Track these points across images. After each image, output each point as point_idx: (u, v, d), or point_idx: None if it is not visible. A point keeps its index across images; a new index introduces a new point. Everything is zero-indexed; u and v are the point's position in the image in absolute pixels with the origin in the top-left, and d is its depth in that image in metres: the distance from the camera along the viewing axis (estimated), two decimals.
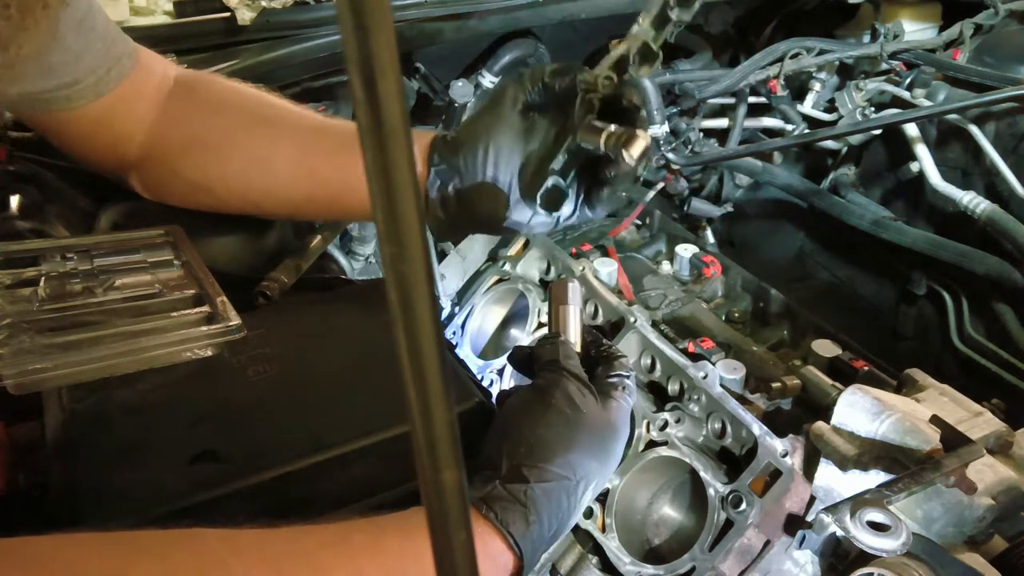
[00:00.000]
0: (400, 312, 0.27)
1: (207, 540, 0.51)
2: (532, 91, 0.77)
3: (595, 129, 0.70)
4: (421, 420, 0.28)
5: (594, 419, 0.71)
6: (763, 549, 0.84)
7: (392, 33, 0.24)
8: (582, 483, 0.67)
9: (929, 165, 1.60)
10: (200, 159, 0.86)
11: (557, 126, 0.76)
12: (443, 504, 0.29)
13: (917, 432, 0.76)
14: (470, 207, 0.80)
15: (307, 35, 1.20)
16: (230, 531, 0.51)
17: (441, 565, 0.30)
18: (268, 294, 0.90)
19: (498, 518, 0.62)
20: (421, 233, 0.26)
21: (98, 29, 0.78)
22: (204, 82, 0.89)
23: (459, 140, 0.80)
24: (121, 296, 0.72)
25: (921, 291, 1.68)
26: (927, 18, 1.83)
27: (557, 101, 0.77)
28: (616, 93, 0.72)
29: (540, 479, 0.65)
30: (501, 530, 0.62)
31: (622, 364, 0.80)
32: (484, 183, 0.78)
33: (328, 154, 0.84)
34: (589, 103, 0.72)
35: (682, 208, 1.96)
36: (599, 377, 0.78)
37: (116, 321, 0.67)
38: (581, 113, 0.73)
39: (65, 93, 0.77)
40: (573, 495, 0.66)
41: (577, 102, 0.73)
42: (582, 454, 0.68)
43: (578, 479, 0.67)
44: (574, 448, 0.68)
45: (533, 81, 0.77)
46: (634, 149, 0.67)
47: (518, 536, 0.62)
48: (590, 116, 0.72)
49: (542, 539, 0.64)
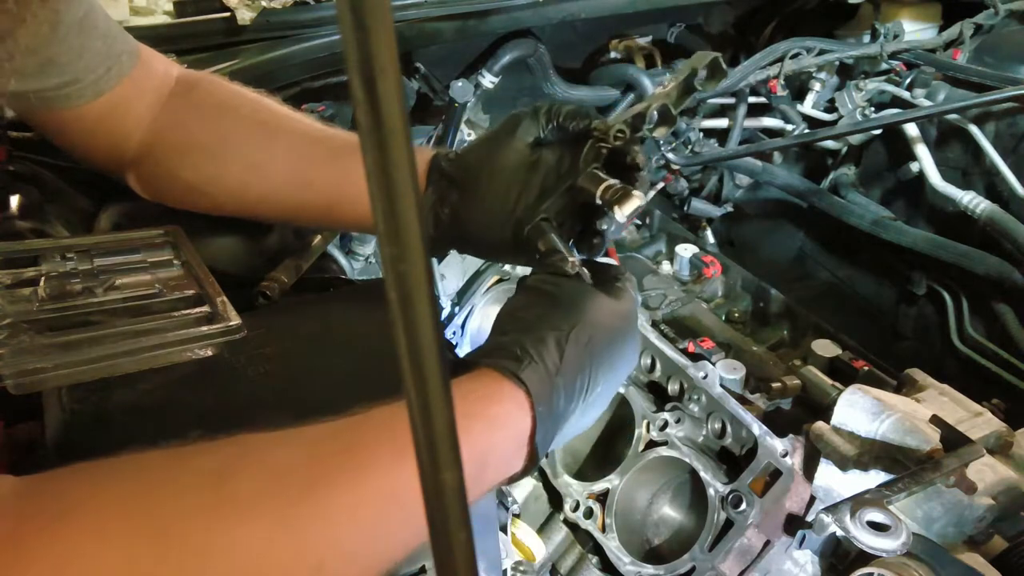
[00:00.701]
0: (400, 312, 0.27)
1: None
2: (546, 127, 0.78)
3: (597, 178, 0.71)
4: (421, 420, 0.28)
5: (570, 285, 0.70)
6: (763, 549, 0.84)
7: (392, 33, 0.24)
8: (573, 331, 0.65)
9: (929, 165, 1.60)
10: (197, 162, 0.86)
11: (562, 167, 0.77)
12: (443, 504, 0.29)
13: (917, 432, 0.76)
14: (462, 228, 0.80)
15: (307, 35, 1.20)
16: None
17: (441, 565, 0.30)
18: (268, 294, 0.90)
19: (485, 363, 0.60)
20: (421, 233, 0.26)
21: (99, 27, 0.78)
22: (204, 84, 0.89)
23: (464, 159, 0.80)
24: (121, 296, 0.72)
25: (921, 291, 1.68)
26: (927, 18, 1.83)
27: (566, 142, 0.77)
28: (624, 148, 0.73)
29: (523, 332, 0.63)
30: (495, 368, 0.60)
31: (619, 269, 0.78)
32: (481, 206, 0.78)
33: (324, 161, 0.84)
34: (597, 152, 0.73)
35: (682, 208, 1.96)
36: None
37: (116, 321, 0.67)
38: (588, 160, 0.74)
39: (65, 91, 0.77)
40: (564, 340, 0.64)
41: (586, 147, 0.74)
42: (565, 310, 0.66)
43: (568, 327, 0.64)
44: (555, 308, 0.66)
45: (549, 118, 0.77)
46: (626, 207, 0.68)
47: (513, 371, 0.60)
48: (595, 164, 0.73)
49: (546, 378, 0.61)
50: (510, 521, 0.98)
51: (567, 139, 0.77)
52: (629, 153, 0.72)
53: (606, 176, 0.71)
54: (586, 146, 0.74)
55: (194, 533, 0.45)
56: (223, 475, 0.48)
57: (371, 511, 0.51)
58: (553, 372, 0.62)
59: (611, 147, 0.73)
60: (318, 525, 0.48)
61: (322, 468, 0.51)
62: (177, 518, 0.46)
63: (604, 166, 0.73)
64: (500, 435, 0.59)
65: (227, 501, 0.47)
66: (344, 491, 0.50)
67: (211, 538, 0.45)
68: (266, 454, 0.50)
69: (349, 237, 1.35)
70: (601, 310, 0.68)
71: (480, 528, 0.78)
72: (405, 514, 0.51)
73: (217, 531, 0.46)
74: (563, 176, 0.76)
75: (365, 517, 0.50)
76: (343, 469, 0.51)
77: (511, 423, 0.60)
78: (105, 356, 0.63)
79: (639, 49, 1.84)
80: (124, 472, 0.48)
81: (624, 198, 0.68)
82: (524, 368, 0.60)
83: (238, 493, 0.48)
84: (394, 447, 0.52)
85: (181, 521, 0.46)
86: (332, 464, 0.51)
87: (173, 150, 0.86)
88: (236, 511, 0.47)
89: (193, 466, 0.49)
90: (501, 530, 0.91)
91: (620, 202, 0.68)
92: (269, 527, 0.47)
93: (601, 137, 0.74)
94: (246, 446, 0.51)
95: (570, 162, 0.76)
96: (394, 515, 0.51)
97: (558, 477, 1.04)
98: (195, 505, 0.47)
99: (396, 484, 0.51)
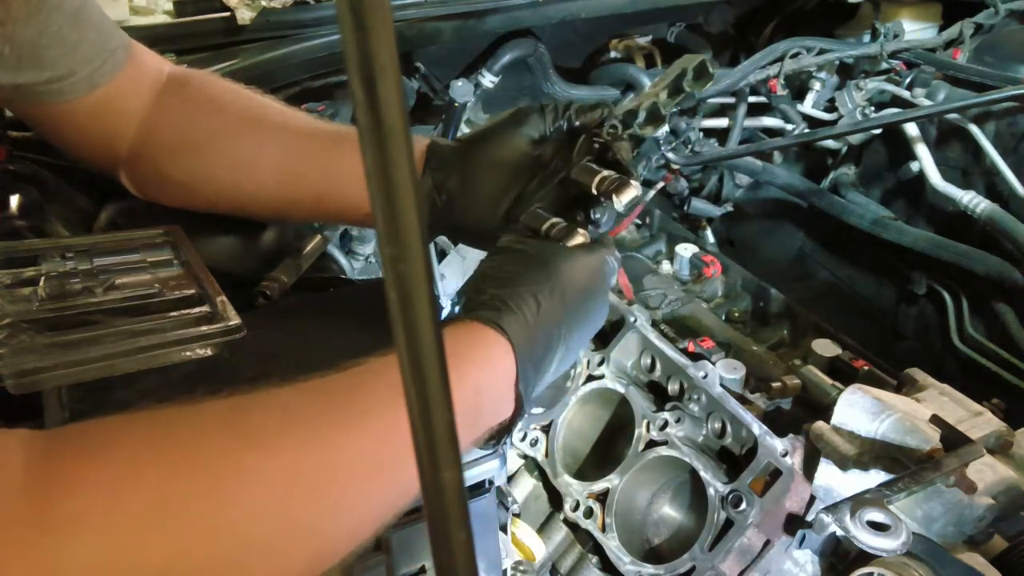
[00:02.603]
0: (400, 312, 0.27)
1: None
2: (552, 125, 0.79)
3: (590, 171, 0.73)
4: (421, 420, 0.28)
5: (544, 244, 0.70)
6: (763, 549, 0.84)
7: (392, 33, 0.24)
8: (548, 284, 0.65)
9: (929, 165, 1.60)
10: (187, 160, 0.86)
11: (557, 159, 0.78)
12: (443, 504, 0.29)
13: (917, 432, 0.76)
14: (457, 214, 0.80)
15: (307, 35, 1.20)
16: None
17: (441, 565, 0.30)
18: (268, 294, 0.90)
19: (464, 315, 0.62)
20: (421, 233, 0.26)
21: (93, 20, 0.78)
22: (195, 81, 0.89)
23: (467, 149, 0.80)
24: (120, 296, 0.72)
25: (921, 291, 1.68)
26: (927, 18, 1.83)
27: (562, 136, 0.79)
28: (609, 144, 0.75)
29: (500, 288, 0.64)
30: (477, 319, 0.61)
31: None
32: (478, 197, 0.78)
33: (315, 154, 0.84)
34: (590, 146, 0.76)
35: (682, 208, 1.96)
36: None
37: (115, 321, 0.67)
38: (581, 153, 0.76)
39: (59, 86, 0.77)
40: (539, 294, 0.65)
41: (580, 141, 0.76)
42: (539, 267, 0.67)
43: (544, 281, 0.66)
44: (529, 265, 0.67)
45: (556, 116, 0.79)
46: (624, 196, 0.70)
47: (495, 320, 0.61)
48: (588, 157, 0.75)
49: (526, 327, 0.63)
50: (510, 521, 0.98)
51: (563, 134, 0.79)
52: (616, 149, 0.74)
53: (600, 168, 0.72)
54: (579, 141, 0.76)
55: (221, 463, 0.47)
56: (238, 413, 0.51)
57: (376, 444, 0.53)
58: (532, 323, 0.64)
59: (603, 142, 0.75)
60: (331, 456, 0.51)
61: (329, 404, 0.53)
62: (202, 450, 0.47)
63: (596, 160, 0.75)
64: (489, 376, 0.61)
65: (246, 434, 0.49)
66: (351, 428, 0.52)
67: (239, 467, 0.47)
68: (275, 396, 0.53)
69: (349, 237, 1.35)
70: (574, 266, 0.69)
71: (480, 528, 0.78)
72: (407, 450, 0.53)
73: (243, 461, 0.48)
74: (556, 170, 0.77)
75: (371, 451, 0.53)
76: (348, 408, 0.53)
77: (498, 366, 0.61)
78: (105, 356, 0.63)
79: (639, 49, 1.84)
80: (141, 419, 0.49)
81: (622, 187, 0.70)
82: (504, 317, 0.62)
83: (255, 428, 0.50)
84: (391, 388, 0.53)
85: (206, 452, 0.47)
86: (339, 402, 0.53)
87: (164, 148, 0.86)
88: (257, 443, 0.49)
89: (207, 410, 0.51)
90: (501, 530, 0.91)
91: (618, 191, 0.70)
92: (292, 456, 0.49)
93: (594, 132, 0.75)
94: (255, 393, 0.53)
95: (564, 156, 0.77)
96: (397, 450, 0.53)
97: (558, 477, 1.04)
98: (217, 440, 0.48)
99: (398, 420, 0.52)
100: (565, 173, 0.75)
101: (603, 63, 1.80)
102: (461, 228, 0.83)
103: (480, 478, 0.75)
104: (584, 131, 0.77)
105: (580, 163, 0.74)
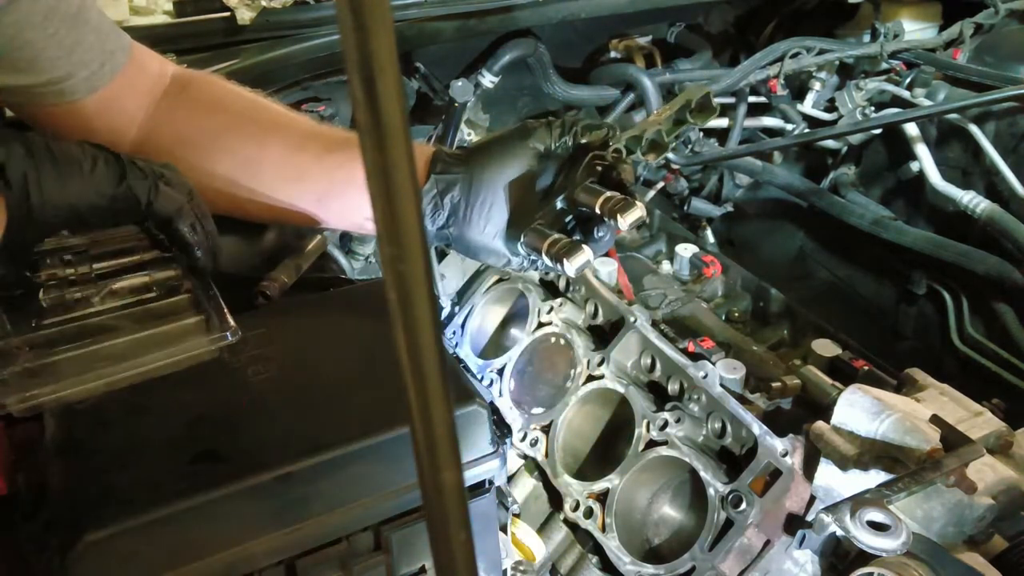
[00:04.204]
0: (400, 312, 0.27)
1: None
2: (558, 140, 0.80)
3: (594, 191, 0.75)
4: (421, 420, 0.28)
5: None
6: (763, 549, 0.84)
7: (392, 33, 0.24)
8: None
9: (929, 165, 1.60)
10: (188, 161, 0.86)
11: (557, 180, 0.80)
12: (443, 504, 0.29)
13: (917, 432, 0.76)
14: (458, 224, 0.81)
15: (307, 35, 1.20)
16: None
17: (441, 565, 0.30)
18: (268, 294, 0.90)
19: None
20: (421, 233, 0.26)
21: (91, 23, 0.78)
22: (197, 82, 0.89)
23: (473, 161, 0.81)
24: (119, 303, 0.72)
25: (921, 291, 1.68)
26: (927, 18, 1.83)
27: (567, 152, 0.80)
28: (614, 165, 0.77)
29: None
30: None
31: None
32: (481, 210, 0.80)
33: (317, 155, 0.84)
34: (593, 167, 0.77)
35: (682, 208, 1.96)
36: None
37: (114, 333, 0.68)
38: (584, 174, 0.77)
39: (58, 87, 0.77)
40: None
41: (583, 163, 0.77)
42: None
43: None
44: None
45: (562, 132, 0.80)
46: (629, 216, 0.72)
47: None
48: (591, 178, 0.77)
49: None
50: (510, 521, 0.98)
51: (567, 154, 0.80)
52: (617, 169, 0.76)
53: (603, 189, 0.75)
54: (583, 162, 0.78)
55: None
56: None
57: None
58: None
59: (607, 164, 0.77)
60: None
61: None
62: None
63: (600, 180, 0.77)
64: None
65: None
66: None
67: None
68: None
69: (349, 237, 1.35)
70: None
71: (480, 528, 0.78)
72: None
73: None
74: (557, 189, 0.79)
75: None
76: None
77: None
78: (104, 374, 0.64)
79: (639, 49, 1.84)
80: None
81: (626, 208, 0.72)
82: None
83: None
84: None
85: None
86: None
87: (164, 149, 0.86)
88: None
89: None
90: (501, 530, 0.91)
91: (622, 211, 0.72)
92: None
93: (598, 155, 0.77)
94: None
95: (565, 176, 0.79)
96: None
97: (558, 477, 1.04)
98: None
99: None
100: (569, 191, 0.77)
101: (603, 63, 1.80)
102: (460, 239, 0.83)
103: (480, 478, 0.75)
104: (589, 149, 0.78)
105: (584, 183, 0.76)
